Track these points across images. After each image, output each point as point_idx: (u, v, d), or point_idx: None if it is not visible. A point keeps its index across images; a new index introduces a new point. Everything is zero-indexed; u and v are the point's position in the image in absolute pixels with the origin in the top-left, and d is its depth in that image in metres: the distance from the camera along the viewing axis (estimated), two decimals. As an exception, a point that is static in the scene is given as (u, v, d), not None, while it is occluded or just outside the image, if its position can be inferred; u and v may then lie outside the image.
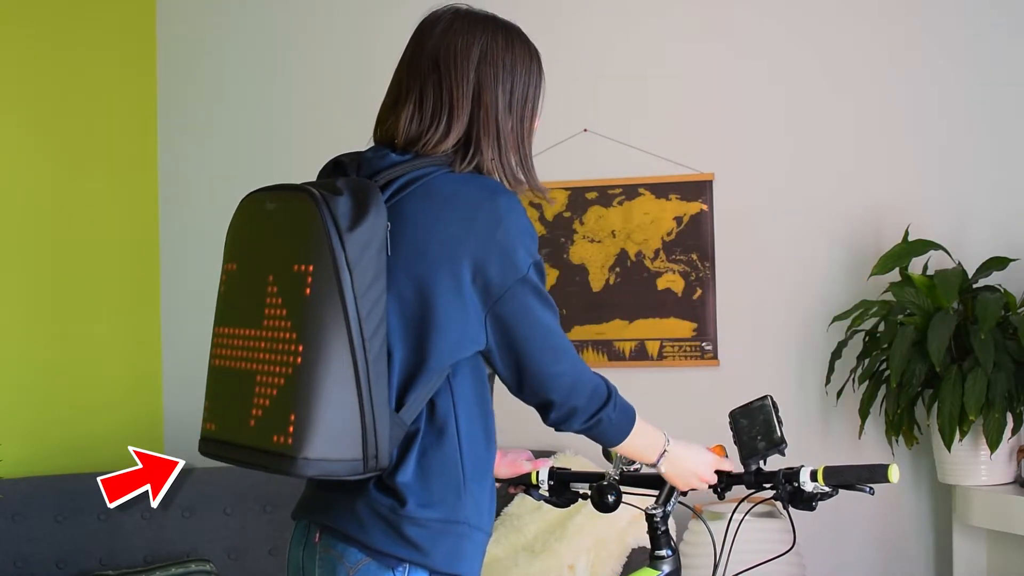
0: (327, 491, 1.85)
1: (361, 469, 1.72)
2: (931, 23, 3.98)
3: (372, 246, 1.72)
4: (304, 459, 1.68)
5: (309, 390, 1.69)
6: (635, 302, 4.17)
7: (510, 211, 1.80)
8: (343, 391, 1.69)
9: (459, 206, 1.80)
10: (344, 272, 1.69)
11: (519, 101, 1.90)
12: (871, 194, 4.00)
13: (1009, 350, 3.50)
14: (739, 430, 2.07)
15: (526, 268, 1.81)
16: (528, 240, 1.82)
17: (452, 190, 1.82)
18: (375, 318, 1.72)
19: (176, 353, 4.59)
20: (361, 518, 1.79)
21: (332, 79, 4.50)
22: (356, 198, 1.74)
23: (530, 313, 1.83)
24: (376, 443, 1.72)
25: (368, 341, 1.71)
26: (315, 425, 1.68)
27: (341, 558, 1.79)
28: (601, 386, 1.90)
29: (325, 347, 1.69)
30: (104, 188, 4.34)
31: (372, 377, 1.71)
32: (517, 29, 1.94)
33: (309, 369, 1.69)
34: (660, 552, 1.99)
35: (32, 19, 4.02)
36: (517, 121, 1.90)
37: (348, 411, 1.70)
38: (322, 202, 1.71)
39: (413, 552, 1.77)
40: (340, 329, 1.69)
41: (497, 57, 1.88)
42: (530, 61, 1.92)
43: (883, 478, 1.89)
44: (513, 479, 2.19)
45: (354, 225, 1.71)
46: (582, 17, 4.27)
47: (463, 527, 1.81)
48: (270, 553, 3.79)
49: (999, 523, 3.48)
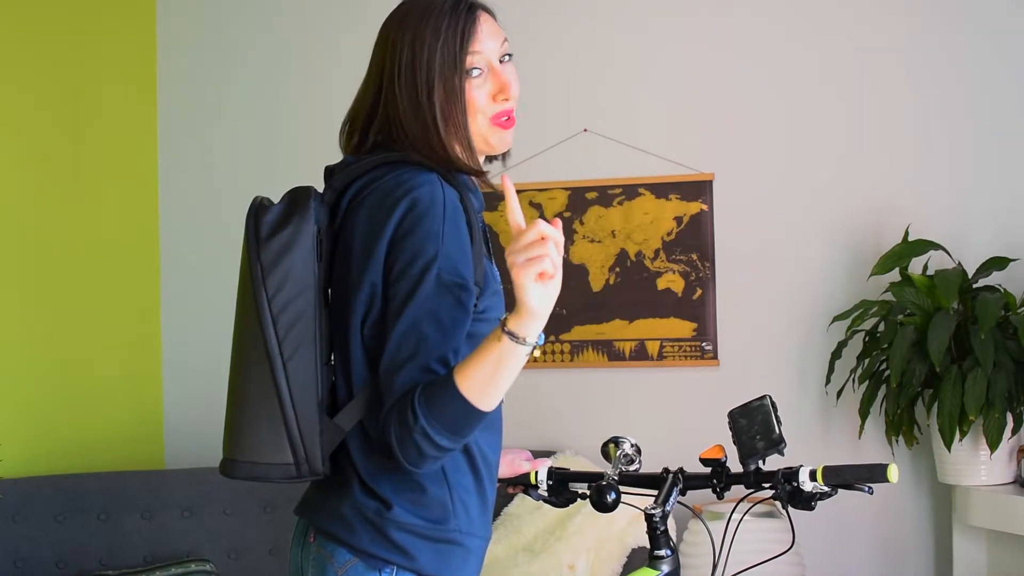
0: (319, 491, 1.87)
1: (294, 473, 1.77)
2: (931, 23, 3.98)
3: (291, 253, 1.75)
4: (232, 460, 1.78)
5: (233, 395, 1.79)
6: (635, 302, 4.17)
7: (423, 203, 1.74)
8: (262, 395, 1.75)
9: (380, 202, 1.78)
10: (257, 279, 1.74)
11: (424, 86, 1.81)
12: (871, 194, 4.00)
13: (1009, 350, 3.50)
14: (738, 430, 2.06)
15: (428, 258, 1.72)
16: (434, 234, 1.72)
17: (380, 190, 1.80)
18: (289, 321, 1.75)
19: (176, 353, 4.59)
20: (348, 520, 1.79)
21: (332, 80, 4.50)
22: (287, 206, 1.79)
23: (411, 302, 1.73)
24: (304, 447, 1.75)
25: (283, 344, 1.74)
26: (239, 428, 1.78)
27: (331, 558, 1.80)
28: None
29: (243, 351, 1.77)
30: (104, 189, 4.33)
31: (292, 380, 1.74)
32: (405, 5, 1.88)
33: (233, 374, 1.79)
34: (659, 552, 1.98)
35: (32, 20, 4.02)
36: (429, 103, 1.81)
37: (269, 419, 1.75)
38: (252, 212, 1.78)
39: (400, 556, 1.78)
40: (255, 334, 1.75)
41: (396, 51, 1.85)
42: (439, 29, 1.81)
43: (882, 478, 1.89)
44: (512, 479, 2.19)
45: (272, 233, 1.76)
46: (582, 17, 4.27)
47: (453, 533, 1.81)
48: (270, 553, 3.79)
49: (999, 523, 3.48)
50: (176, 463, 4.49)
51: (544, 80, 4.12)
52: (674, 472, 2.05)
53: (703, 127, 4.15)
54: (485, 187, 1.93)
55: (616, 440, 2.07)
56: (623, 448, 2.05)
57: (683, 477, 2.05)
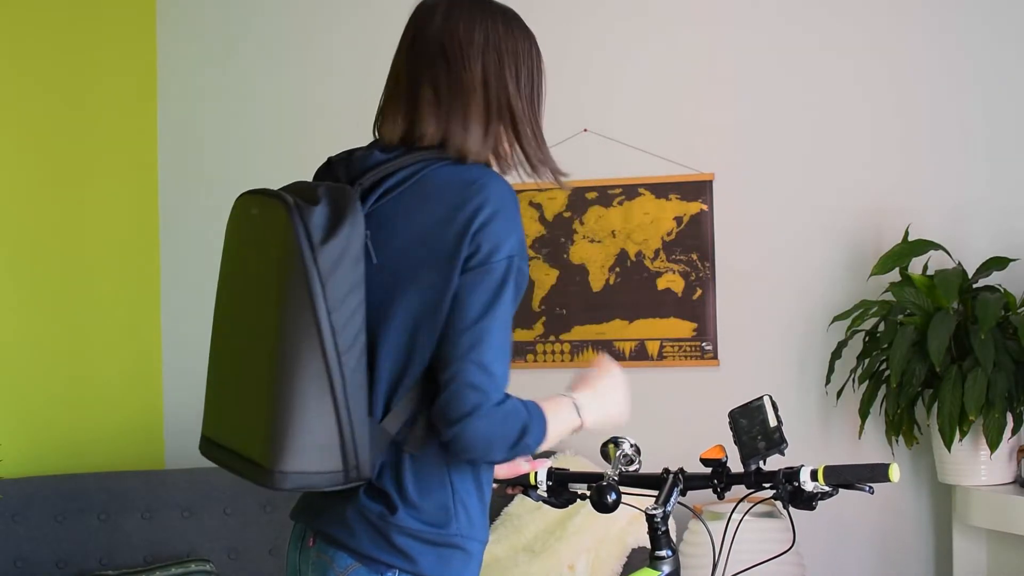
0: (319, 495, 1.84)
1: (342, 480, 1.71)
2: (930, 24, 3.98)
3: (347, 258, 1.69)
4: (281, 472, 1.67)
5: (284, 405, 1.67)
6: (635, 302, 4.17)
7: (496, 204, 1.75)
8: (319, 405, 1.67)
9: (444, 197, 1.76)
10: (316, 285, 1.66)
11: (526, 84, 1.87)
12: (871, 194, 4.00)
13: (1009, 350, 3.50)
14: (739, 430, 2.06)
15: (504, 255, 1.75)
16: (511, 228, 1.76)
17: (442, 181, 1.78)
18: (352, 330, 1.70)
19: (176, 353, 4.59)
20: (350, 524, 1.78)
21: (332, 78, 4.50)
22: (332, 207, 1.71)
23: (485, 296, 1.75)
24: (356, 454, 1.71)
25: (344, 354, 1.68)
26: (291, 440, 1.67)
27: (332, 563, 1.79)
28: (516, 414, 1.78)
29: (299, 362, 1.67)
30: (104, 189, 4.33)
31: (349, 389, 1.69)
32: (512, 12, 1.92)
33: (284, 384, 1.67)
34: (660, 552, 1.98)
35: (32, 19, 4.02)
36: (527, 104, 1.88)
37: (324, 425, 1.68)
38: (295, 213, 1.68)
39: (402, 560, 1.76)
40: (313, 344, 1.67)
41: (500, 41, 1.85)
42: (529, 44, 1.90)
43: (884, 477, 1.89)
44: (512, 480, 2.18)
45: (328, 237, 1.68)
46: (582, 17, 4.27)
47: (454, 537, 1.80)
48: (270, 553, 3.79)
49: (999, 523, 3.48)
50: (176, 463, 4.48)
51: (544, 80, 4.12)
52: (674, 472, 2.05)
53: (703, 127, 4.15)
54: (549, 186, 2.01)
55: (616, 440, 2.07)
56: (623, 448, 2.05)
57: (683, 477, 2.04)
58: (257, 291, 1.76)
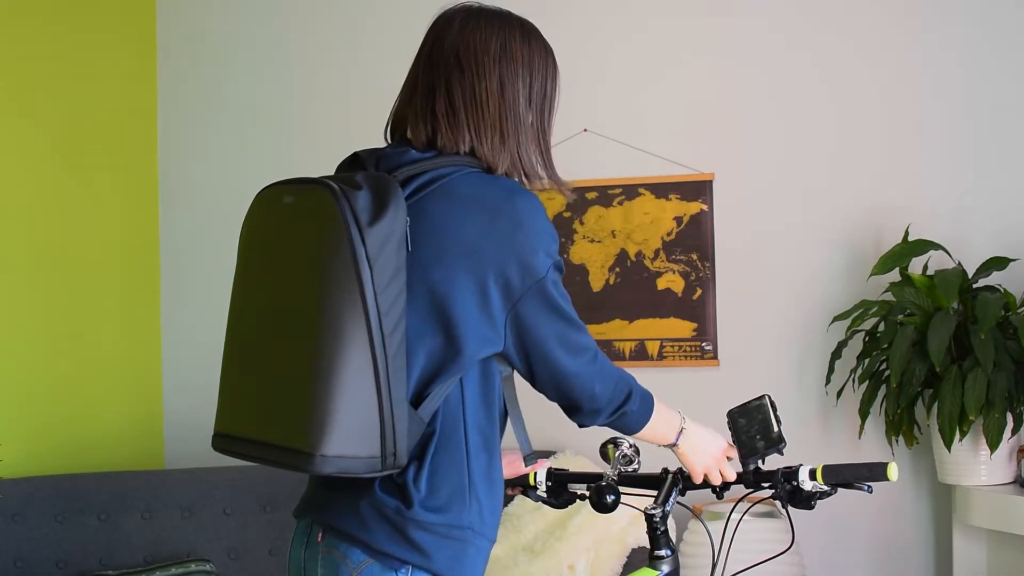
0: (330, 490, 1.84)
1: (379, 467, 1.70)
2: (930, 23, 3.98)
3: (392, 241, 1.71)
4: (322, 456, 1.66)
5: (328, 386, 1.66)
6: (635, 302, 4.17)
7: (529, 213, 1.81)
8: (362, 387, 1.67)
9: (479, 209, 1.79)
10: (364, 267, 1.67)
11: (538, 96, 1.92)
12: (871, 194, 4.00)
13: (1009, 350, 3.50)
14: (738, 430, 2.07)
15: (545, 271, 1.83)
16: (548, 241, 1.84)
17: (472, 192, 1.81)
18: (395, 314, 1.71)
19: (176, 353, 4.59)
20: (364, 519, 1.78)
21: (332, 78, 4.50)
22: (375, 192, 1.72)
23: (548, 315, 1.85)
24: (395, 440, 1.71)
25: (388, 337, 1.69)
26: (333, 422, 1.66)
27: (344, 558, 1.78)
28: (622, 381, 1.95)
29: (344, 342, 1.66)
30: (104, 188, 4.34)
31: (391, 373, 1.70)
32: (531, 24, 1.95)
33: (328, 365, 1.66)
34: (659, 552, 1.99)
35: (32, 19, 4.02)
36: (537, 115, 1.92)
37: (366, 408, 1.68)
38: (341, 196, 1.69)
39: (416, 555, 1.77)
40: (359, 324, 1.67)
41: (516, 52, 1.89)
42: (546, 56, 1.95)
43: (882, 476, 1.89)
44: (511, 480, 2.19)
45: (374, 220, 1.69)
46: (582, 17, 4.27)
47: (468, 532, 1.81)
48: (270, 553, 3.79)
49: (999, 523, 3.48)
50: (176, 463, 4.49)
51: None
52: (673, 472, 2.05)
53: (703, 127, 4.15)
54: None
55: (615, 441, 2.07)
56: (622, 449, 2.06)
57: (682, 477, 2.05)
58: (294, 278, 1.75)
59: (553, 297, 1.85)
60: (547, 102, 1.95)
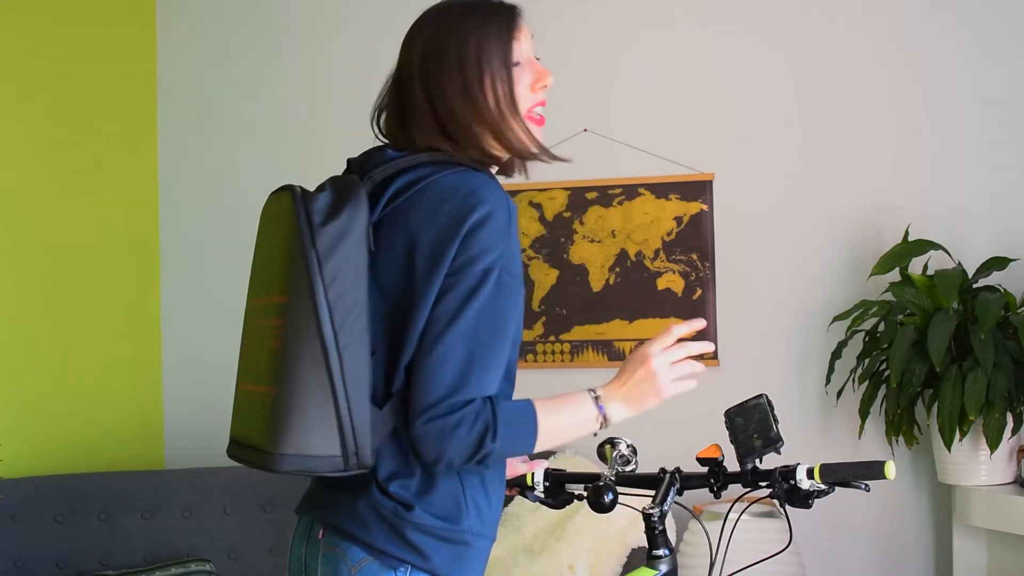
0: (331, 489, 1.86)
1: (341, 466, 1.72)
2: (931, 24, 3.98)
3: (348, 239, 1.73)
4: (280, 454, 1.69)
5: (283, 385, 1.70)
6: (635, 302, 4.17)
7: (484, 213, 1.77)
8: (315, 385, 1.69)
9: (445, 204, 1.79)
10: (313, 265, 1.70)
11: (475, 75, 1.85)
12: (871, 194, 3.99)
13: (1009, 350, 3.50)
14: (735, 429, 2.06)
15: (482, 269, 1.76)
16: (494, 247, 1.77)
17: (439, 194, 1.80)
18: (349, 311, 1.71)
19: (176, 353, 4.59)
20: (364, 518, 1.79)
21: (332, 78, 4.50)
22: (337, 193, 1.76)
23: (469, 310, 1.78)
24: (355, 439, 1.71)
25: (339, 332, 1.70)
26: (289, 420, 1.69)
27: (344, 556, 1.79)
28: None
29: (296, 341, 1.70)
30: (104, 189, 4.34)
31: (347, 370, 1.70)
32: (458, 4, 1.91)
33: (283, 364, 1.70)
34: (657, 552, 1.98)
35: (32, 19, 4.02)
36: (491, 92, 1.85)
37: (322, 406, 1.69)
38: (299, 199, 1.74)
39: (415, 556, 1.77)
40: (310, 322, 1.69)
41: (440, 45, 1.86)
42: (484, 23, 1.87)
43: (880, 475, 1.89)
44: (509, 481, 2.18)
45: (328, 220, 1.72)
46: (582, 17, 4.27)
47: (466, 534, 1.81)
48: (270, 553, 3.79)
49: (999, 523, 3.48)
50: (176, 463, 4.49)
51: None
52: (671, 472, 2.05)
53: (703, 127, 4.15)
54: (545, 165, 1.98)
55: (612, 441, 2.07)
56: (619, 449, 2.06)
57: (680, 477, 2.04)
58: (267, 281, 1.80)
59: (470, 292, 1.77)
60: (489, 73, 1.85)
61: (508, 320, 1.78)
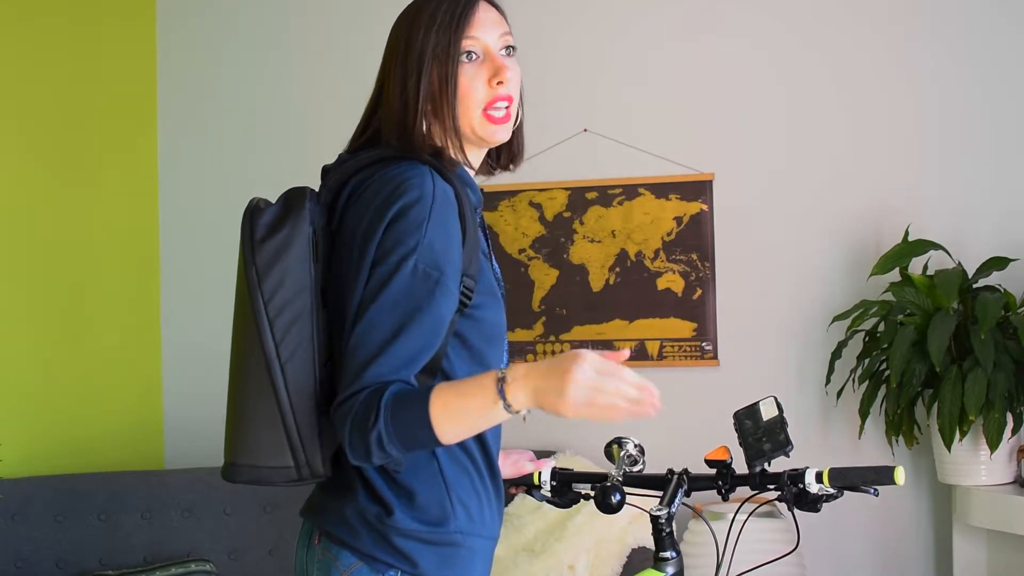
0: (323, 494, 1.87)
1: (295, 476, 1.75)
2: (931, 22, 3.98)
3: (286, 254, 1.74)
4: (234, 465, 1.77)
5: (235, 398, 1.78)
6: (635, 302, 4.17)
7: (405, 204, 1.73)
8: (260, 398, 1.73)
9: (371, 203, 1.77)
10: (253, 281, 1.73)
11: (414, 69, 1.82)
12: (871, 194, 4.00)
13: (1009, 350, 3.50)
14: (744, 432, 2.06)
15: (397, 259, 1.72)
16: (409, 237, 1.71)
17: (376, 188, 1.78)
18: (286, 323, 1.73)
19: (176, 353, 4.58)
20: (352, 523, 1.79)
21: (332, 80, 4.49)
22: (282, 207, 1.78)
23: None
24: (304, 451, 1.74)
25: (280, 345, 1.72)
26: (241, 432, 1.77)
27: (336, 561, 1.80)
28: None
29: (241, 354, 1.76)
30: (104, 189, 4.33)
31: (290, 382, 1.72)
32: None
33: (232, 378, 1.78)
34: (664, 554, 1.97)
35: (32, 19, 4.01)
36: (418, 87, 1.81)
37: (268, 418, 1.73)
38: (247, 215, 1.78)
39: (402, 561, 1.77)
40: (252, 337, 1.73)
41: (394, 39, 1.87)
42: (435, 15, 1.83)
43: (889, 480, 1.89)
44: (515, 480, 2.18)
45: (267, 235, 1.75)
46: (582, 17, 4.27)
47: (454, 535, 1.81)
48: (270, 553, 3.79)
49: (999, 523, 3.48)
50: (176, 463, 4.48)
51: (544, 80, 4.12)
52: (679, 473, 2.04)
53: (703, 127, 4.15)
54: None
55: (619, 441, 2.06)
56: (627, 449, 2.05)
57: (688, 478, 2.04)
58: None
59: (382, 282, 1.73)
60: (436, 71, 1.81)
61: (425, 311, 1.70)
